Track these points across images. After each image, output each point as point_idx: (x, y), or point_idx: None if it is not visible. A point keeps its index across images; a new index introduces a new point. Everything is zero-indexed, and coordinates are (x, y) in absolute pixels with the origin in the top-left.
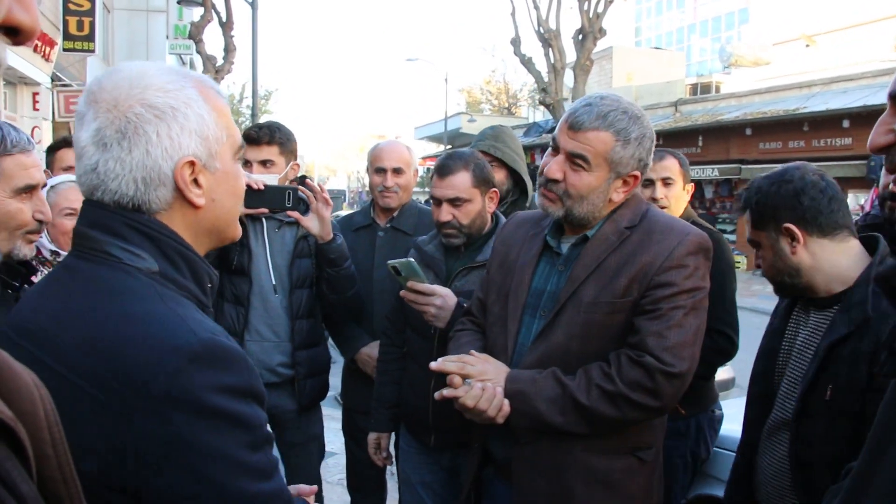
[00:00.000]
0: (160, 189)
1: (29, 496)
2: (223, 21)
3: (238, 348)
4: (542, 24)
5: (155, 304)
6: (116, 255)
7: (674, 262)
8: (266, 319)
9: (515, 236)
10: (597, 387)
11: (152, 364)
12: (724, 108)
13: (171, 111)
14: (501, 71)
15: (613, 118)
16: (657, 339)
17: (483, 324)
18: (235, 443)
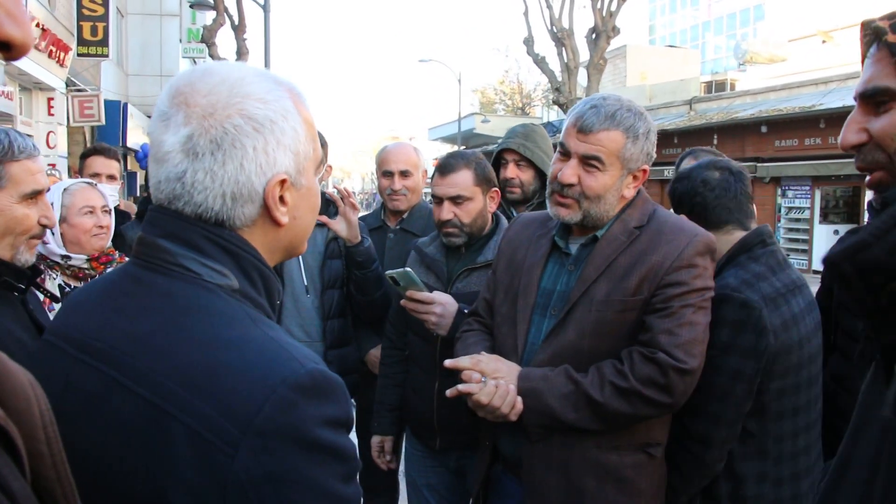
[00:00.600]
0: (247, 206)
1: (20, 494)
2: (235, 24)
3: (338, 378)
4: (555, 24)
5: (248, 329)
6: (194, 269)
7: (684, 262)
8: (298, 320)
9: (522, 237)
10: (610, 384)
11: (260, 396)
12: (740, 105)
13: (269, 124)
14: (515, 71)
15: (621, 117)
16: (669, 337)
17: (490, 324)
18: (335, 476)
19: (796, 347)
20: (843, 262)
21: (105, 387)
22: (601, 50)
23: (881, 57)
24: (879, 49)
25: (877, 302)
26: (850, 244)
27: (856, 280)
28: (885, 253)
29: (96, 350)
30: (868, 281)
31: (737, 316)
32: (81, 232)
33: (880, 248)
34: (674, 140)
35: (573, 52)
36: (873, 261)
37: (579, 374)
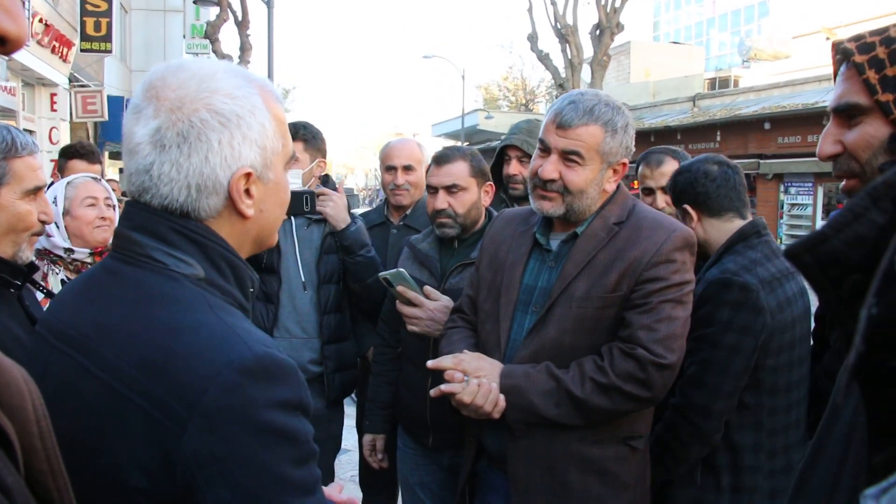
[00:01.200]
0: (212, 197)
1: (14, 488)
2: (239, 20)
3: (290, 361)
4: (560, 20)
5: (204, 314)
6: (162, 260)
7: (662, 257)
8: (295, 317)
9: (504, 234)
10: (590, 380)
11: (205, 379)
12: (743, 102)
13: (235, 119)
14: (519, 67)
15: (599, 111)
16: (648, 332)
17: (474, 321)
18: (284, 459)
19: (790, 327)
20: (804, 254)
21: (75, 373)
22: (605, 46)
23: (850, 75)
24: (848, 68)
25: (839, 293)
26: (810, 236)
27: (817, 272)
28: (844, 245)
29: (70, 338)
30: (829, 272)
31: (736, 297)
32: (84, 223)
33: (839, 240)
34: (677, 136)
35: (577, 49)
36: (832, 253)
37: (560, 371)
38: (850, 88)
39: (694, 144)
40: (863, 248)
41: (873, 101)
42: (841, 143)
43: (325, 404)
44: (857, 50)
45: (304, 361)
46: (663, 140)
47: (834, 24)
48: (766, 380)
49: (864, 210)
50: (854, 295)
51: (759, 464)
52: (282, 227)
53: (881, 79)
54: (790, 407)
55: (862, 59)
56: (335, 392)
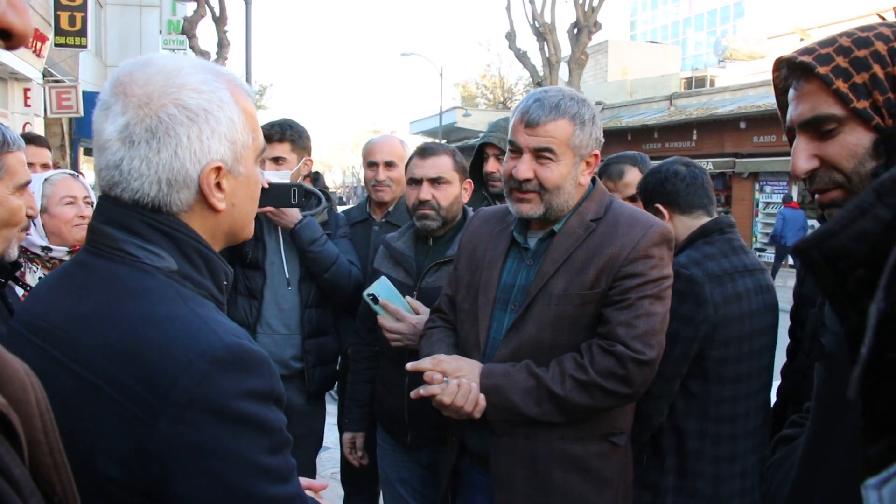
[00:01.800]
0: (183, 192)
1: (21, 480)
2: (217, 16)
3: (261, 351)
4: (538, 19)
5: (176, 306)
6: (134, 253)
7: (640, 253)
8: (278, 313)
9: (482, 232)
10: (571, 377)
11: (177, 369)
12: (719, 101)
13: (203, 114)
14: (497, 65)
15: (565, 106)
16: (627, 329)
17: (453, 320)
18: (257, 447)
19: (738, 321)
20: (811, 249)
21: (49, 365)
22: (583, 45)
23: (814, 89)
24: (809, 82)
25: (844, 287)
26: (818, 232)
27: (823, 266)
28: (851, 240)
29: (43, 331)
30: (835, 267)
31: (681, 288)
32: (62, 222)
33: (846, 235)
34: (654, 135)
35: (555, 47)
36: (839, 248)
37: (540, 369)
38: (819, 101)
39: (671, 143)
40: (868, 243)
41: (848, 110)
42: (817, 158)
43: (305, 399)
44: (817, 61)
45: (286, 358)
46: (641, 139)
47: (808, 25)
48: (713, 370)
49: (869, 206)
50: (859, 289)
51: (704, 449)
52: (266, 223)
53: (851, 87)
54: (737, 398)
55: (825, 69)
56: (315, 386)
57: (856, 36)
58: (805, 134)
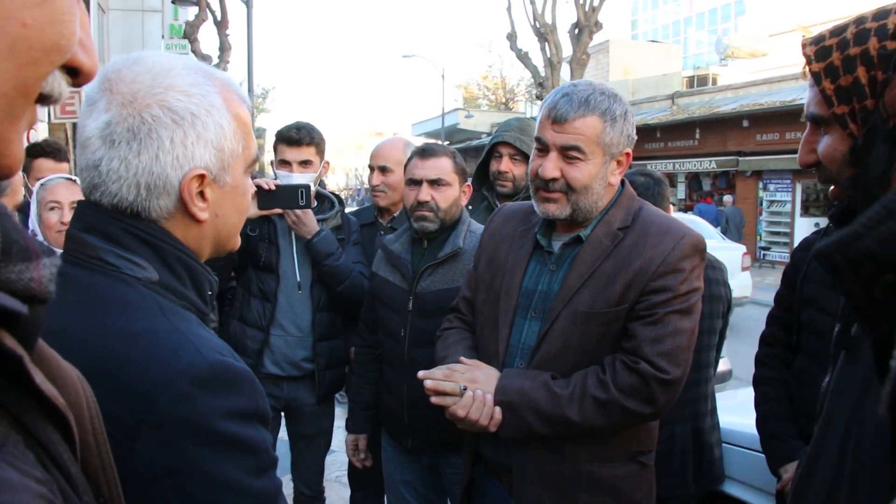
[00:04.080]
0: (163, 198)
1: (78, 478)
2: (218, 20)
3: (245, 368)
4: (538, 19)
5: (156, 320)
6: (113, 262)
7: (670, 266)
8: (291, 315)
9: (504, 231)
10: (591, 397)
11: (156, 388)
12: (721, 100)
13: (190, 118)
14: (498, 66)
15: (595, 101)
16: (653, 345)
17: (472, 321)
18: (242, 469)
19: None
20: (835, 254)
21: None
22: (584, 45)
23: (811, 84)
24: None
25: (870, 294)
26: (843, 235)
27: (848, 271)
28: (878, 243)
29: None
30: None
31: None
32: (47, 228)
33: (872, 238)
34: (656, 134)
35: (556, 48)
36: (865, 251)
37: (559, 385)
38: (813, 98)
39: (673, 142)
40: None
41: (830, 113)
42: (815, 153)
43: (315, 400)
44: (815, 56)
45: (297, 359)
46: (643, 138)
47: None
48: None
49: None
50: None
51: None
52: (280, 226)
53: (836, 90)
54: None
55: (818, 67)
56: (325, 389)
57: (861, 27)
58: (810, 125)
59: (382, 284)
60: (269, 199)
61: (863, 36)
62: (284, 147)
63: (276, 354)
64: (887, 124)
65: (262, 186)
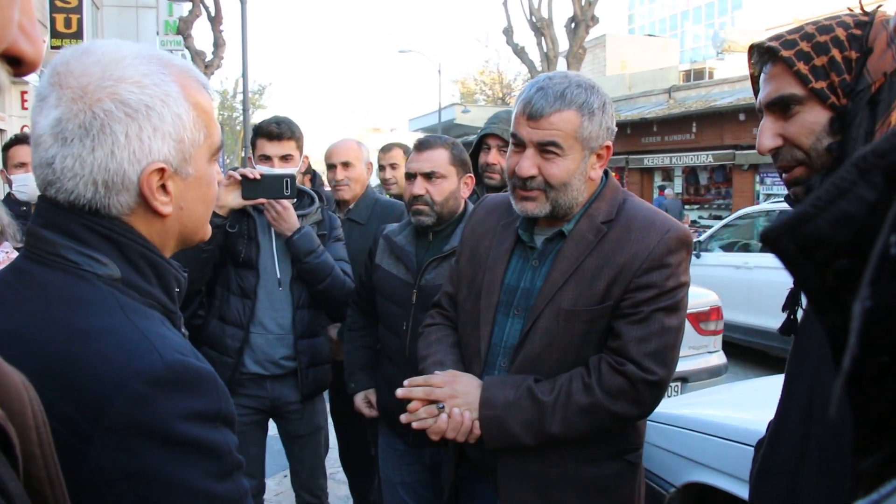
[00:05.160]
0: (122, 194)
1: (16, 493)
2: (212, 16)
3: (207, 368)
4: (535, 14)
5: (114, 318)
6: (73, 259)
7: (655, 262)
8: (271, 313)
9: (486, 225)
10: (576, 405)
11: (111, 389)
12: (718, 93)
13: (144, 110)
14: (495, 61)
15: (571, 94)
16: (639, 345)
17: (453, 317)
18: (203, 473)
19: None
20: (783, 238)
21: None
22: (580, 39)
23: (779, 71)
24: (775, 65)
25: (823, 281)
26: (790, 217)
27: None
28: (829, 225)
29: None
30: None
31: None
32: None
33: (823, 219)
34: (653, 128)
35: (552, 42)
36: (816, 234)
37: (544, 391)
38: (783, 82)
39: (670, 136)
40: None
41: (808, 90)
42: (781, 136)
43: (299, 399)
44: (783, 46)
45: (277, 357)
46: (640, 132)
47: (805, 15)
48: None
49: (850, 184)
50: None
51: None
52: (259, 221)
53: (811, 69)
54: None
55: (789, 53)
56: (309, 388)
57: (820, 24)
58: (771, 114)
59: (385, 276)
60: (253, 189)
61: (826, 28)
62: (265, 142)
63: (256, 353)
64: (870, 90)
65: (246, 176)
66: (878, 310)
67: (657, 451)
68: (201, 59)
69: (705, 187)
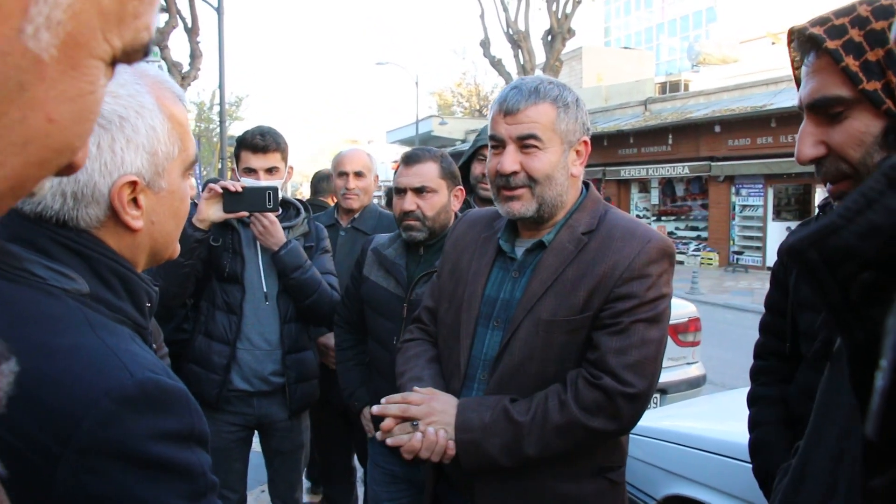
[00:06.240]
0: (91, 207)
1: None
2: (189, 27)
3: (179, 387)
4: (511, 26)
5: (82, 335)
6: (39, 274)
7: (635, 272)
8: (258, 328)
9: (467, 238)
10: (553, 425)
11: (79, 410)
12: (693, 105)
13: (118, 121)
14: (472, 73)
15: (545, 89)
16: (618, 357)
17: (433, 331)
18: (176, 494)
19: None
20: (809, 249)
21: None
22: (557, 52)
23: (823, 65)
24: (819, 57)
25: (846, 295)
26: (817, 228)
27: (823, 270)
28: (856, 237)
29: None
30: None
31: None
32: None
33: (851, 231)
34: (630, 140)
35: (529, 54)
36: (843, 246)
37: (520, 412)
38: (827, 80)
39: (646, 148)
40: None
41: (857, 92)
42: (824, 144)
43: (287, 416)
44: (828, 34)
45: (265, 373)
46: (617, 144)
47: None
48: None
49: (879, 195)
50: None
51: None
52: (244, 234)
53: (863, 65)
54: None
55: (835, 44)
56: (297, 403)
57: (877, 4)
58: (813, 117)
59: (374, 289)
60: (235, 202)
61: (885, 11)
62: (249, 154)
63: (244, 369)
64: None
65: (228, 188)
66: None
67: (637, 464)
68: (178, 71)
69: (682, 198)
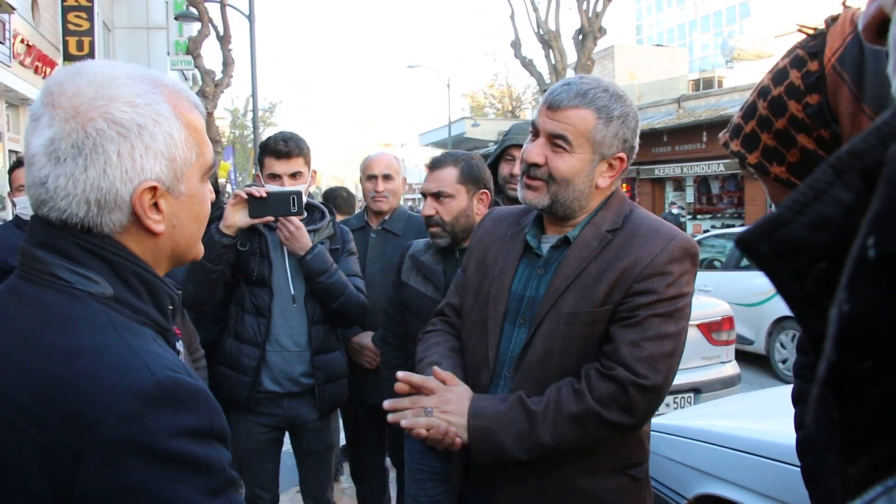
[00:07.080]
0: (115, 213)
1: None
2: (220, 35)
3: (199, 385)
4: (542, 26)
5: (106, 335)
6: (65, 277)
7: (656, 268)
8: (287, 330)
9: (494, 235)
10: (566, 415)
11: (102, 406)
12: (728, 102)
13: (136, 129)
14: (504, 74)
15: (593, 95)
16: (632, 349)
17: (457, 324)
18: (195, 490)
19: None
20: (760, 242)
21: None
22: (588, 51)
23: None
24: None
25: (802, 287)
26: (765, 221)
27: (776, 262)
28: (806, 229)
29: None
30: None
31: None
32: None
33: (800, 223)
34: (663, 138)
35: (560, 54)
36: (793, 239)
37: (535, 402)
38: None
39: (680, 146)
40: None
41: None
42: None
43: (317, 416)
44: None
45: (295, 375)
46: (650, 142)
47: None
48: None
49: (826, 186)
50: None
51: None
52: (271, 238)
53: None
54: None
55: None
56: (326, 404)
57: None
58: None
59: (414, 295)
60: (259, 207)
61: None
62: (273, 160)
63: (273, 371)
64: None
65: (252, 194)
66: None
67: (667, 463)
68: (211, 78)
69: (717, 196)
